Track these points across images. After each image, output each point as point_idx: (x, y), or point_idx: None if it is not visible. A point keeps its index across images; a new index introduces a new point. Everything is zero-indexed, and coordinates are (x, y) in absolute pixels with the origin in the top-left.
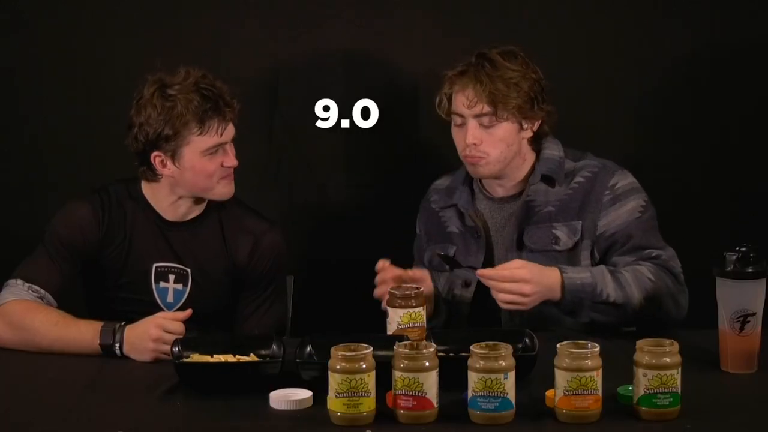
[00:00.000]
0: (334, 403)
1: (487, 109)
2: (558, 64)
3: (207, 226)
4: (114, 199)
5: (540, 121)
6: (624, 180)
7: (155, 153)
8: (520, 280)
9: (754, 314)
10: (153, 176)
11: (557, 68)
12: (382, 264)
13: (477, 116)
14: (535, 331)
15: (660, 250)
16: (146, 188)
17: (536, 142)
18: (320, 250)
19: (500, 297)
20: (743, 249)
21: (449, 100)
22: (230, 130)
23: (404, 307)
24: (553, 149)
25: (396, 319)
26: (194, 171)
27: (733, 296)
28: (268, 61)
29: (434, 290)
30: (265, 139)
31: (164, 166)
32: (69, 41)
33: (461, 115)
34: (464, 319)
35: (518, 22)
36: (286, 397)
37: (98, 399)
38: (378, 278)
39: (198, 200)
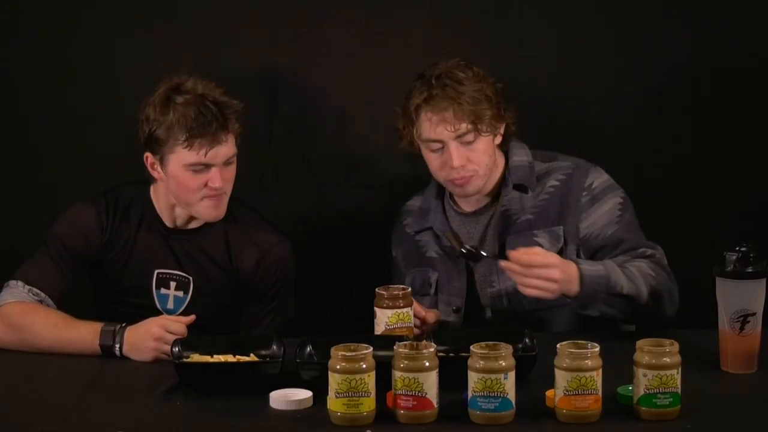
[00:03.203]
0: (334, 403)
1: (467, 128)
2: (558, 65)
3: (212, 234)
4: (120, 203)
5: (506, 123)
6: (599, 178)
7: (147, 153)
8: (550, 265)
9: (754, 314)
10: (151, 176)
11: (558, 69)
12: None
13: (458, 137)
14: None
15: (652, 249)
16: (153, 191)
17: (503, 145)
18: (320, 250)
19: (529, 283)
20: (743, 249)
21: (416, 129)
22: (219, 153)
23: (392, 307)
24: (521, 155)
25: (384, 319)
26: (177, 182)
27: (733, 296)
28: (268, 61)
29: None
30: (265, 139)
31: (154, 168)
32: (69, 41)
33: (439, 141)
34: None
35: (519, 23)
36: (286, 397)
37: (98, 399)
38: None
39: None
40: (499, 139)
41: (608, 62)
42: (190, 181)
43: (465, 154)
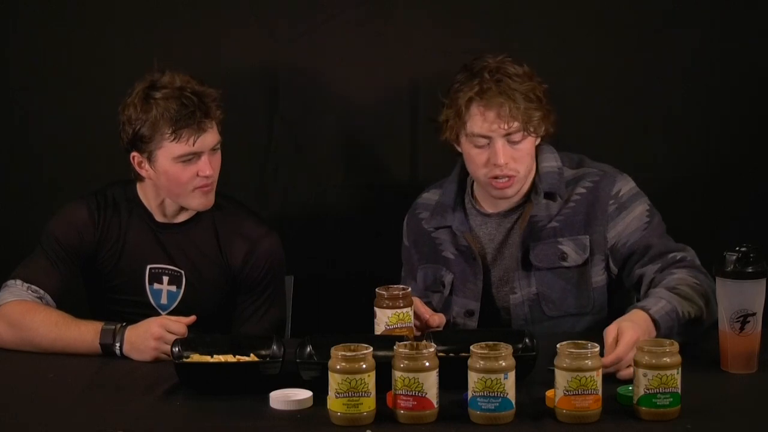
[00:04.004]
0: (334, 403)
1: (516, 126)
2: (559, 66)
3: (201, 228)
4: (110, 200)
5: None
6: (626, 186)
7: (134, 153)
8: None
9: (754, 314)
10: (138, 176)
11: (558, 70)
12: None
13: (507, 134)
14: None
15: (682, 252)
16: (139, 189)
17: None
18: (319, 250)
19: (625, 368)
20: (743, 249)
21: (465, 122)
22: (206, 141)
23: (392, 307)
24: (551, 160)
25: (384, 319)
26: (167, 176)
27: (733, 296)
28: (268, 61)
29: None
30: (264, 138)
31: (141, 167)
32: (69, 41)
33: (486, 136)
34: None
35: (519, 23)
36: (286, 397)
37: (98, 399)
38: None
39: None
40: (538, 141)
41: (609, 63)
42: (181, 173)
43: (510, 153)
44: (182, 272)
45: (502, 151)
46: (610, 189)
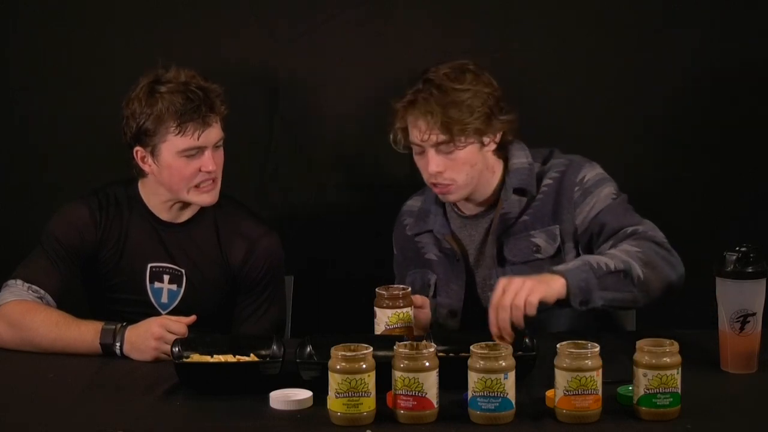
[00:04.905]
0: (334, 403)
1: (442, 137)
2: (559, 66)
3: (202, 227)
4: (112, 199)
5: (502, 131)
6: (592, 172)
7: (137, 147)
8: (498, 291)
9: (754, 314)
10: (140, 172)
11: (558, 70)
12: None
13: (434, 145)
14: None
15: (635, 226)
16: (141, 187)
17: (501, 149)
18: (319, 250)
19: (501, 317)
20: (743, 249)
21: (404, 132)
22: (211, 136)
23: (392, 307)
24: (521, 156)
25: (384, 319)
26: (170, 171)
27: (733, 296)
28: (268, 61)
29: (430, 318)
30: (264, 138)
31: (145, 162)
32: (69, 41)
33: (419, 145)
34: None
35: (519, 23)
36: (286, 397)
37: (98, 399)
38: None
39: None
40: (491, 147)
41: (609, 62)
42: (184, 168)
43: (442, 162)
44: (183, 271)
45: (433, 160)
46: (575, 176)
